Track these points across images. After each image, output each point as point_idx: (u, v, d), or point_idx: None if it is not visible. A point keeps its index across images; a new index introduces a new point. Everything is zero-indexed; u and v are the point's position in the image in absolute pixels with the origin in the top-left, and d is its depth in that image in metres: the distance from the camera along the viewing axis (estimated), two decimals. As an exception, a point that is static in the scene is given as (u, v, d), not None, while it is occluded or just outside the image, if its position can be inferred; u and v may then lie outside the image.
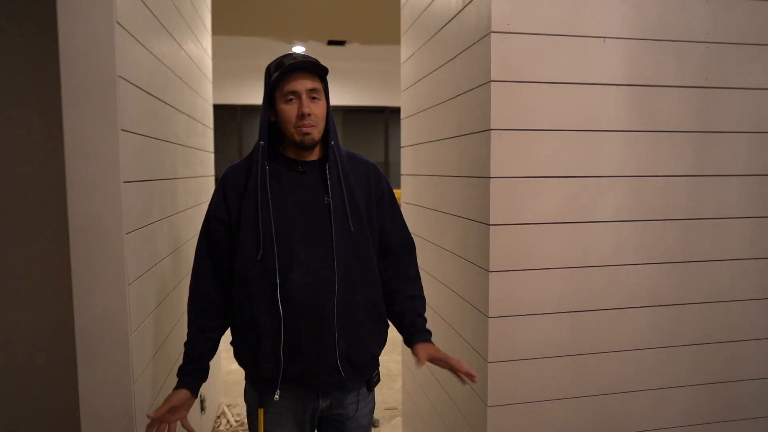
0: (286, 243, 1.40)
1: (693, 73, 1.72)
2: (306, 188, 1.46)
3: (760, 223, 1.82)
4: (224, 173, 1.51)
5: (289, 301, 1.38)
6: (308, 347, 1.40)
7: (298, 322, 1.39)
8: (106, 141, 1.40)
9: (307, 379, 1.43)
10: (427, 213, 2.30)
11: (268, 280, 1.39)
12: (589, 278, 1.71)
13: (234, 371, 3.92)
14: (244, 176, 1.46)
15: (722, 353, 1.84)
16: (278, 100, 1.42)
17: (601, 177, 1.69)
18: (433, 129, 2.19)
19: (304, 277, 1.39)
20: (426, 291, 2.28)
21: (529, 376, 1.69)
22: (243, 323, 1.44)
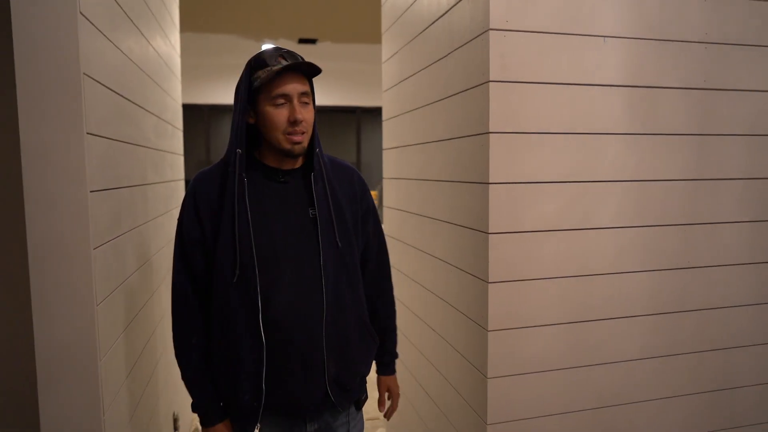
0: (269, 262, 1.27)
1: (692, 74, 1.68)
2: (288, 200, 1.34)
3: (757, 228, 1.79)
4: (194, 183, 1.34)
5: (274, 325, 1.26)
6: (295, 374, 1.29)
7: (283, 349, 1.28)
8: (70, 146, 1.25)
9: (293, 406, 1.33)
10: (414, 218, 2.21)
11: (249, 304, 1.26)
12: (589, 287, 1.64)
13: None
14: (218, 188, 1.30)
15: (719, 360, 1.80)
16: (264, 103, 1.27)
17: (600, 182, 1.62)
18: (421, 131, 2.09)
19: (290, 298, 1.28)
20: (413, 299, 2.19)
21: (529, 391, 1.61)
22: (221, 350, 1.30)
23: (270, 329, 1.26)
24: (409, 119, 2.24)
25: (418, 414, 2.18)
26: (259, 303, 1.25)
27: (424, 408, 2.13)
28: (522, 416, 1.61)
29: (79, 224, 1.27)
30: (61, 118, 1.23)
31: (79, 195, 1.27)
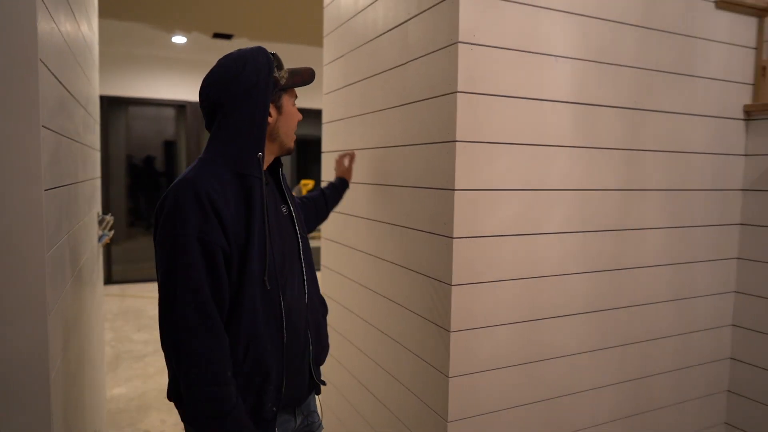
0: (281, 267, 1.28)
1: (624, 95, 1.86)
2: (273, 200, 1.35)
3: (673, 233, 2.02)
4: (200, 192, 1.16)
5: (290, 330, 1.28)
6: (299, 371, 1.34)
7: (294, 349, 1.31)
8: (25, 140, 1.12)
9: (294, 400, 1.37)
10: (362, 223, 2.22)
11: (273, 314, 1.24)
12: (539, 288, 1.76)
13: (117, 397, 3.47)
14: (233, 193, 1.21)
15: (640, 352, 2.01)
16: (288, 102, 1.33)
17: (550, 190, 1.75)
18: (370, 136, 2.11)
19: (293, 298, 1.31)
20: (364, 305, 2.20)
21: (485, 387, 1.69)
22: (247, 367, 1.22)
23: (289, 336, 1.29)
24: (357, 123, 2.25)
25: (369, 423, 2.20)
26: (282, 311, 1.25)
27: (374, 416, 2.14)
28: (479, 412, 1.68)
29: (33, 226, 1.14)
30: (15, 109, 1.11)
31: (33, 194, 1.15)
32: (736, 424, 2.20)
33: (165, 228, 1.15)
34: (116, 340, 4.59)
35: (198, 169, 1.21)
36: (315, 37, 5.75)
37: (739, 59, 2.10)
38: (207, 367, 1.12)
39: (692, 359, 2.13)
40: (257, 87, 1.23)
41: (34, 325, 1.15)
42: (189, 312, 1.12)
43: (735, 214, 2.16)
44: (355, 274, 2.32)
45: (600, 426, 1.94)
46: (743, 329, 2.17)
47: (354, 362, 2.32)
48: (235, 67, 1.24)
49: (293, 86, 1.33)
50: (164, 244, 1.15)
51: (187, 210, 1.13)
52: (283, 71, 1.30)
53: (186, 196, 1.14)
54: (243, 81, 1.22)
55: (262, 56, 1.26)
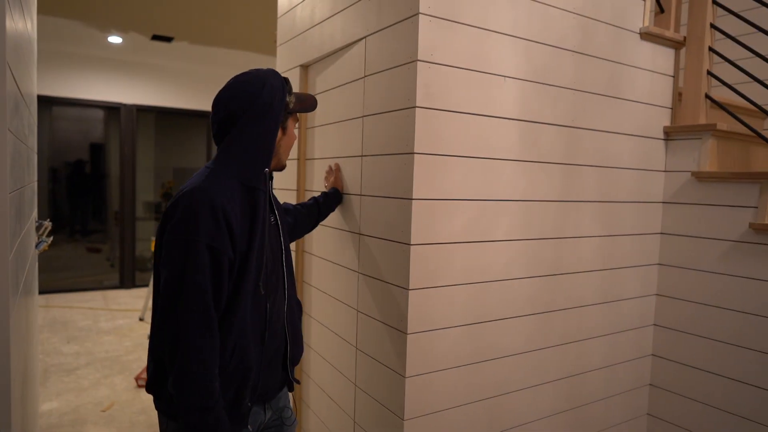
0: (269, 274, 1.40)
1: (564, 114, 2.03)
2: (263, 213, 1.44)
3: (604, 241, 2.21)
4: (215, 203, 1.23)
5: (272, 330, 1.39)
6: (274, 367, 1.44)
7: (270, 346, 1.40)
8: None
9: (266, 396, 1.45)
10: (320, 230, 2.28)
11: (260, 315, 1.35)
12: (487, 292, 1.88)
13: (49, 412, 3.30)
14: (239, 204, 1.29)
15: (575, 350, 2.18)
16: (291, 125, 1.47)
17: (497, 201, 1.88)
18: (329, 146, 2.18)
19: (276, 302, 1.42)
20: (324, 311, 2.25)
21: (439, 386, 1.79)
22: (233, 364, 1.30)
23: (270, 336, 1.39)
24: (317, 133, 2.31)
25: (325, 425, 2.24)
26: (266, 313, 1.36)
27: (333, 420, 2.19)
28: (433, 410, 1.78)
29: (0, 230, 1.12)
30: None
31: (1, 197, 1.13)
32: (657, 414, 2.42)
33: (178, 232, 1.22)
34: (44, 352, 4.35)
35: (211, 180, 1.28)
36: (260, 44, 5.72)
37: (660, 85, 2.34)
38: (203, 363, 1.20)
39: (619, 356, 2.33)
40: (272, 108, 1.34)
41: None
42: (194, 312, 1.19)
43: (656, 224, 2.39)
44: (315, 281, 2.37)
45: (540, 420, 2.09)
46: (663, 328, 2.40)
47: (312, 365, 2.36)
48: (254, 85, 1.34)
49: (299, 111, 1.48)
50: (176, 247, 1.21)
51: (201, 218, 1.21)
52: (292, 96, 1.43)
53: (202, 205, 1.22)
54: (261, 101, 1.33)
55: (277, 80, 1.39)
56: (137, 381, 3.79)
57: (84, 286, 6.84)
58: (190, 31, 5.47)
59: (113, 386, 3.74)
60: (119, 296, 6.52)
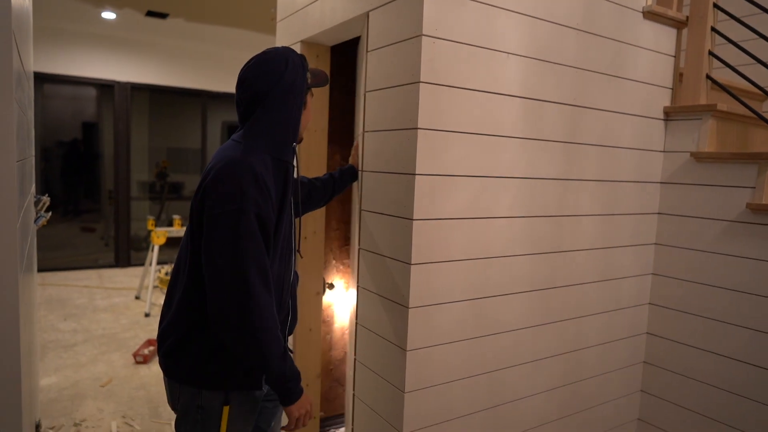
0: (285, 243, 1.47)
1: (566, 92, 2.03)
2: None
3: (604, 220, 2.24)
4: (256, 171, 1.31)
5: (291, 295, 1.52)
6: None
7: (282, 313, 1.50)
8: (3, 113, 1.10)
9: None
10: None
11: (286, 279, 1.47)
12: (488, 268, 1.90)
13: (48, 387, 3.32)
14: (276, 178, 1.39)
15: (574, 327, 2.22)
16: (310, 100, 1.52)
17: (500, 177, 1.89)
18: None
19: (288, 272, 1.51)
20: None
21: (439, 360, 1.81)
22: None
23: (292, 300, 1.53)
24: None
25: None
26: (291, 277, 1.48)
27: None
28: (434, 383, 1.80)
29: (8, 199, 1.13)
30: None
31: (9, 165, 1.13)
32: (650, 391, 2.47)
33: (226, 202, 1.26)
34: (41, 329, 4.35)
35: (246, 153, 1.34)
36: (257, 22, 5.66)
37: (661, 65, 2.35)
38: (272, 316, 1.33)
39: (616, 334, 2.37)
40: (296, 85, 1.41)
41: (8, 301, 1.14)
42: (254, 274, 1.27)
43: (654, 204, 2.41)
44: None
45: (538, 395, 2.13)
46: (658, 307, 2.43)
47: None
48: (278, 64, 1.39)
49: (314, 86, 1.53)
50: (227, 217, 1.26)
51: (247, 187, 1.27)
52: (309, 72, 1.49)
53: (246, 175, 1.28)
54: (286, 78, 1.39)
55: (297, 57, 1.45)
56: (135, 357, 3.81)
57: (79, 264, 6.83)
58: (185, 8, 5.39)
59: (111, 362, 3.76)
60: (114, 275, 6.52)
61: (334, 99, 2.59)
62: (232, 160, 1.31)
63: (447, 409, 1.86)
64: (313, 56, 2.41)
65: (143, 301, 5.32)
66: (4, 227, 1.13)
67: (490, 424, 1.99)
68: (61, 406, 3.09)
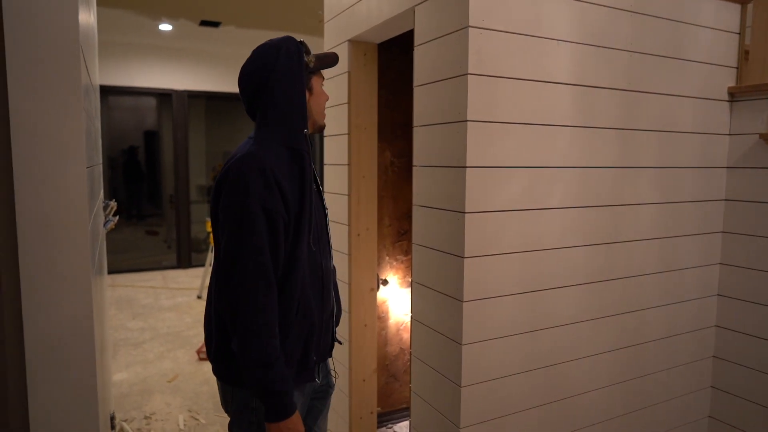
0: (318, 234, 1.44)
1: (620, 77, 1.96)
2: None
3: (663, 208, 2.14)
4: (264, 166, 1.29)
5: (327, 287, 1.46)
6: (327, 327, 1.50)
7: (326, 306, 1.47)
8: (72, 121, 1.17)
9: (325, 356, 1.53)
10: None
11: (317, 272, 1.41)
12: (542, 260, 1.86)
13: (120, 382, 3.51)
14: (288, 168, 1.35)
15: (634, 320, 2.14)
16: (317, 84, 1.46)
17: (552, 168, 1.85)
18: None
19: (326, 262, 1.48)
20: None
21: (494, 354, 1.79)
22: (299, 318, 1.38)
23: (326, 292, 1.46)
24: (362, 107, 2.32)
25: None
26: (322, 269, 1.43)
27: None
28: (490, 377, 1.79)
29: (79, 201, 1.20)
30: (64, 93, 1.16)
31: (79, 171, 1.20)
32: (722, 387, 2.35)
33: (232, 197, 1.28)
34: (112, 328, 4.61)
35: (257, 146, 1.33)
36: (306, 25, 5.76)
37: (724, 44, 2.22)
38: (265, 320, 1.26)
39: (680, 327, 2.27)
40: (291, 71, 1.37)
41: (83, 301, 1.21)
42: (250, 271, 1.25)
43: (720, 190, 2.29)
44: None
45: (597, 390, 2.07)
46: (727, 298, 2.31)
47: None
48: (270, 54, 1.37)
49: (320, 68, 1.47)
50: (232, 211, 1.28)
51: (252, 182, 1.26)
52: (311, 56, 1.44)
53: (251, 170, 1.27)
54: (279, 67, 1.36)
55: (291, 44, 1.41)
56: (198, 354, 3.97)
57: (144, 266, 7.17)
58: (236, 15, 5.56)
59: (176, 359, 3.94)
60: (177, 276, 6.81)
61: (381, 96, 2.61)
62: (241, 156, 1.31)
63: (504, 403, 1.83)
64: (361, 54, 2.43)
65: (204, 301, 5.53)
66: (77, 231, 1.20)
67: (550, 419, 1.95)
68: (132, 400, 3.26)
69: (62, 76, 1.16)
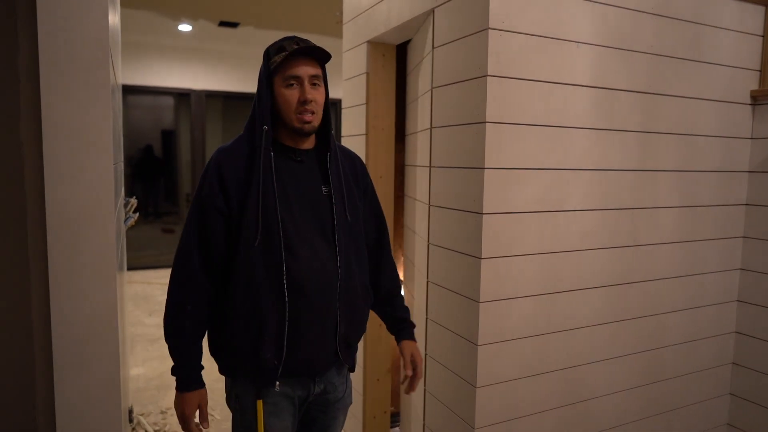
0: (290, 232, 1.38)
1: (640, 80, 1.95)
2: (303, 178, 1.45)
3: (684, 212, 2.13)
4: (216, 158, 1.41)
5: (297, 290, 1.37)
6: (312, 335, 1.42)
7: (303, 311, 1.39)
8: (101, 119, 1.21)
9: (308, 366, 1.45)
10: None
11: (274, 268, 1.36)
12: (560, 263, 1.86)
13: (137, 377, 3.56)
14: (243, 160, 1.40)
15: (652, 325, 2.12)
16: (278, 84, 1.39)
17: (570, 170, 1.84)
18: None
19: (309, 265, 1.39)
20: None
21: (511, 356, 1.79)
22: (244, 313, 1.38)
23: (293, 293, 1.37)
24: (380, 108, 2.34)
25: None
26: (283, 267, 1.35)
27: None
28: (505, 379, 1.79)
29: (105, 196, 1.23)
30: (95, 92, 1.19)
31: (106, 166, 1.23)
32: (741, 394, 2.32)
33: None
34: (130, 324, 4.67)
35: (229, 142, 1.45)
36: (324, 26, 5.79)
37: (747, 46, 2.20)
38: (171, 299, 1.40)
39: (699, 333, 2.25)
40: (260, 72, 1.42)
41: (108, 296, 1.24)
42: (178, 258, 1.40)
43: (741, 194, 2.27)
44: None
45: (614, 395, 2.06)
46: (748, 304, 2.28)
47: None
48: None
49: (278, 69, 1.38)
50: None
51: (204, 175, 1.40)
52: (279, 56, 1.36)
53: (208, 163, 1.42)
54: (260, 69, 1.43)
55: (271, 45, 1.42)
56: (214, 351, 4.01)
57: (160, 263, 7.25)
58: (255, 16, 5.61)
59: (193, 356, 3.98)
60: (193, 274, 6.87)
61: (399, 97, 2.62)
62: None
63: (519, 405, 1.83)
64: (380, 55, 2.44)
65: (220, 298, 5.58)
66: (103, 226, 1.23)
67: (566, 421, 1.94)
68: (149, 395, 3.31)
69: (92, 75, 1.19)
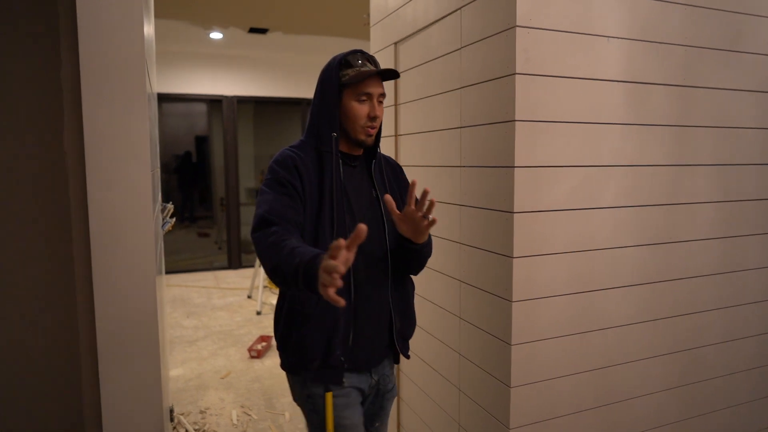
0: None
1: (674, 72, 1.91)
2: (358, 181, 1.53)
3: (722, 207, 2.07)
4: (290, 154, 1.44)
5: (358, 289, 1.45)
6: (371, 331, 1.50)
7: (363, 309, 1.47)
8: (139, 127, 1.26)
9: (367, 359, 1.53)
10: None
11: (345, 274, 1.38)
12: (593, 261, 1.83)
13: (176, 377, 3.66)
14: (313, 163, 1.46)
15: (690, 323, 2.07)
16: (349, 97, 1.46)
17: (603, 167, 1.82)
18: (426, 120, 2.21)
19: (367, 264, 1.47)
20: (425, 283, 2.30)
21: (545, 355, 1.78)
22: (318, 313, 1.42)
23: (356, 292, 1.44)
24: (413, 108, 2.35)
25: (433, 400, 2.31)
26: (351, 272, 1.41)
27: (435, 389, 2.25)
28: (539, 378, 1.77)
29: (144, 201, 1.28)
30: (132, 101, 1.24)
31: (144, 173, 1.28)
32: (786, 394, 2.24)
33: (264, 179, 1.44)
34: (169, 326, 4.80)
35: (293, 145, 1.48)
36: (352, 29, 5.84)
37: (787, 34, 2.12)
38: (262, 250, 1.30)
39: (742, 331, 2.18)
40: (324, 83, 1.47)
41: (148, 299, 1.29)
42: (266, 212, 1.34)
43: (784, 188, 2.19)
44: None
45: (651, 395, 2.01)
46: (793, 301, 2.20)
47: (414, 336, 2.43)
48: (322, 70, 1.49)
49: (353, 83, 1.43)
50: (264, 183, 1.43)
51: (279, 164, 1.43)
52: (351, 70, 1.45)
53: (275, 160, 1.45)
54: (320, 79, 1.48)
55: (337, 59, 1.47)
56: (249, 352, 4.08)
57: (197, 267, 7.42)
58: (283, 22, 5.69)
59: (229, 357, 4.06)
60: (228, 276, 7.01)
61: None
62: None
63: (554, 405, 1.81)
64: (406, 57, 2.45)
65: (254, 300, 5.67)
66: (142, 232, 1.28)
67: (601, 422, 1.91)
68: (188, 395, 3.39)
69: (129, 85, 1.24)
